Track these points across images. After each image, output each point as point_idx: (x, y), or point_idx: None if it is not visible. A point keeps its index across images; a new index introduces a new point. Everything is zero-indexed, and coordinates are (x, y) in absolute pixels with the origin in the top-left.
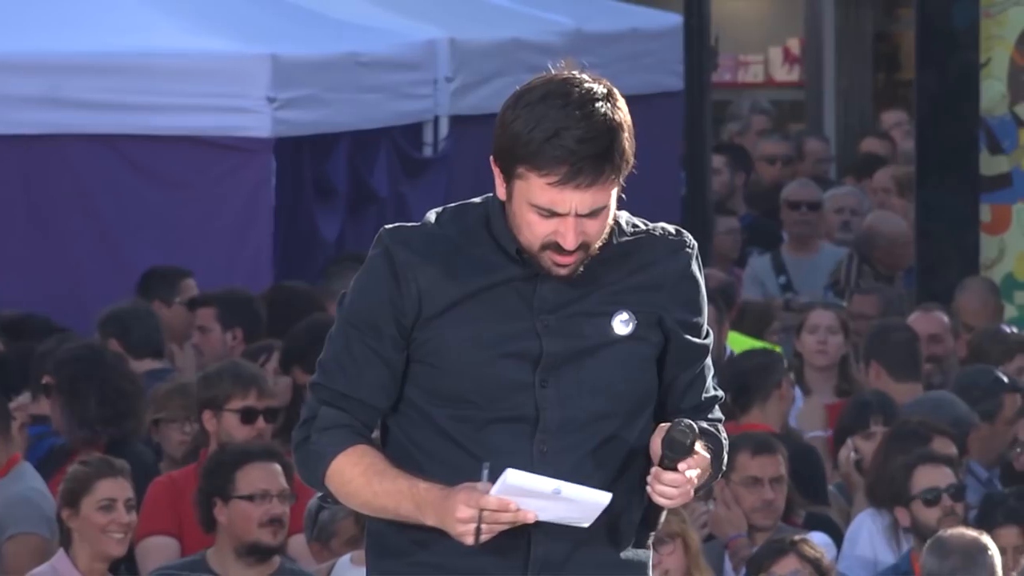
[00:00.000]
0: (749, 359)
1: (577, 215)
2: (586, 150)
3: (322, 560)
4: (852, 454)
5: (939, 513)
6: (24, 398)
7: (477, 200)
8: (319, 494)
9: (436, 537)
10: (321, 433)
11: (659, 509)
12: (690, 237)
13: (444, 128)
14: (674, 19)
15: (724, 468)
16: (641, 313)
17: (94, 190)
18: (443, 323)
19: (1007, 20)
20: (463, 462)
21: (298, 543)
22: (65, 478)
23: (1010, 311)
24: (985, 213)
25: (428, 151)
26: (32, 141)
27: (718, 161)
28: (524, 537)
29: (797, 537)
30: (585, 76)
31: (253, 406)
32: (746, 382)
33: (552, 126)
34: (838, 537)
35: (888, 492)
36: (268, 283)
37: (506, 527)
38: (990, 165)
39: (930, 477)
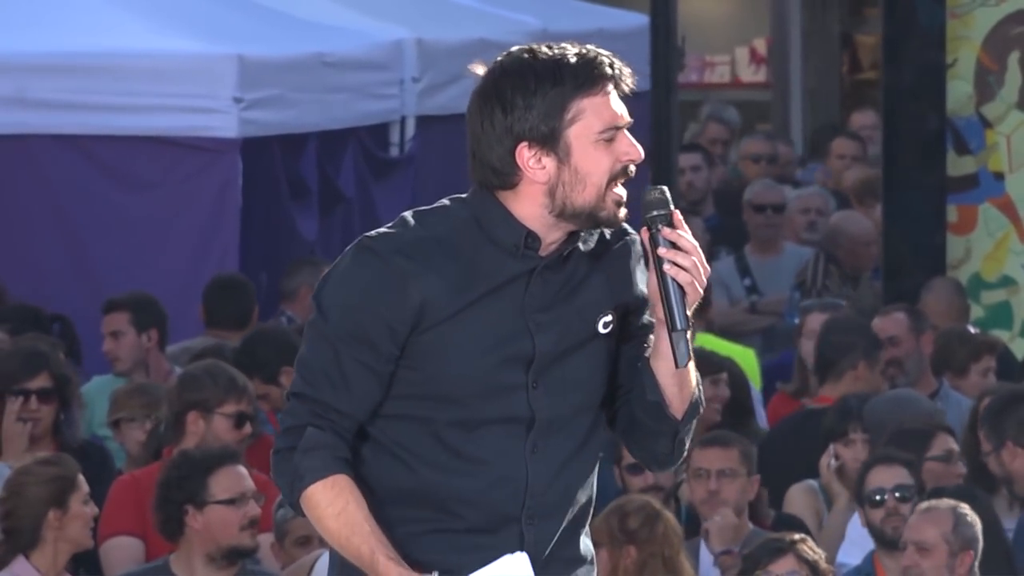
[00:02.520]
0: (836, 333)
1: (628, 129)
2: (612, 57)
3: (280, 559)
4: (832, 461)
5: (882, 514)
6: None
7: (448, 202)
8: None
9: (429, 537)
10: (304, 454)
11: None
12: (631, 229)
13: (411, 128)
14: (640, 19)
15: (699, 411)
16: (616, 309)
17: (60, 190)
18: (443, 329)
19: (973, 21)
20: (455, 465)
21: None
22: (44, 480)
23: (976, 311)
24: (952, 214)
25: (395, 151)
26: None
27: (694, 159)
28: (517, 536)
29: (797, 536)
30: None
31: (244, 411)
32: (827, 356)
33: (568, 51)
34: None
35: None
36: None
37: None
38: (957, 166)
39: (880, 477)
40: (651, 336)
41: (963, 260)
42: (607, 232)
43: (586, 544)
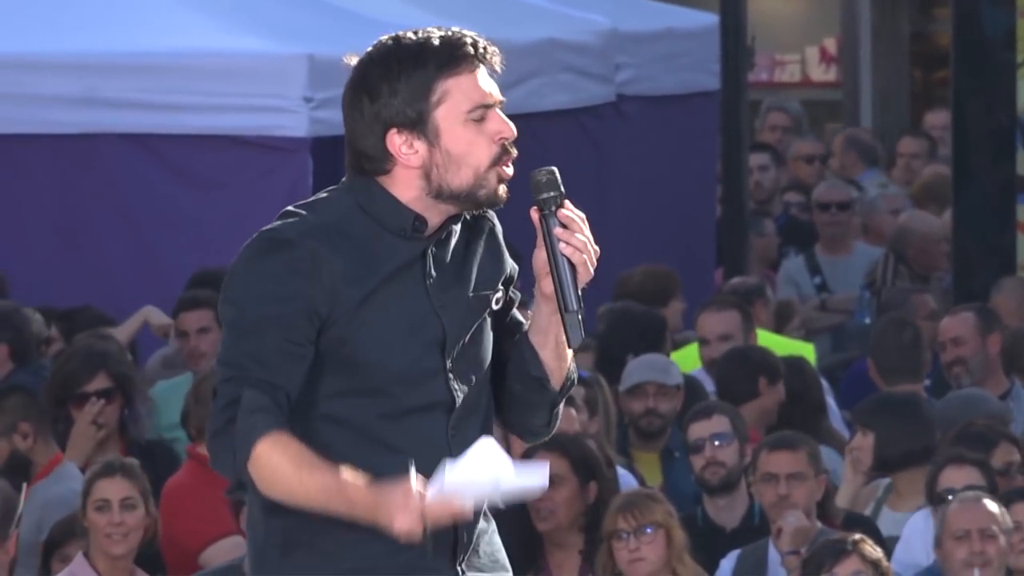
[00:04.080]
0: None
1: (499, 107)
2: (474, 35)
3: None
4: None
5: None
6: None
7: (326, 194)
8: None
9: (362, 532)
10: (248, 415)
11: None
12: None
13: None
14: (710, 19)
15: (573, 383)
16: (499, 287)
17: (129, 190)
18: (357, 318)
19: None
20: (383, 458)
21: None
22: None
23: None
24: (1022, 213)
25: None
26: (67, 141)
27: (761, 159)
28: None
29: (858, 536)
30: None
31: None
32: None
33: (432, 33)
34: (879, 538)
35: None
36: None
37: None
38: None
39: (951, 478)
40: (520, 310)
41: None
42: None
43: (491, 521)
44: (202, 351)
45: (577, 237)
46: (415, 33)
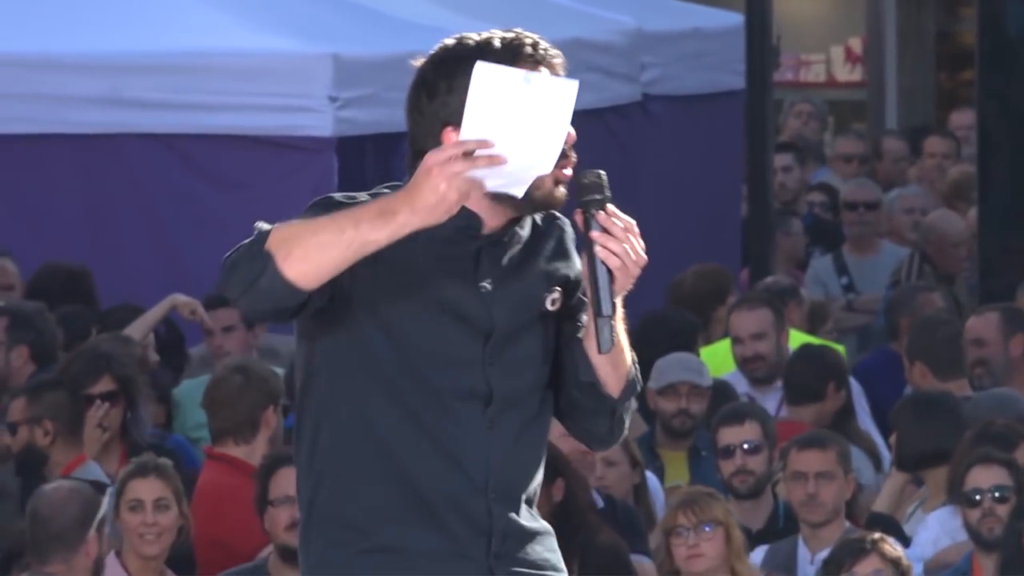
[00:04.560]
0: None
1: None
2: (538, 38)
3: None
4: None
5: (979, 514)
6: None
7: (383, 188)
8: None
9: (397, 511)
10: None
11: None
12: (559, 215)
13: None
14: (736, 18)
15: (636, 390)
16: (561, 289)
17: (154, 190)
18: (400, 304)
19: None
20: (423, 443)
21: None
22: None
23: None
24: None
25: None
26: (92, 141)
27: (785, 159)
28: (484, 511)
29: (877, 536)
30: None
31: None
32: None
33: (494, 35)
34: (901, 537)
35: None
36: None
37: (480, 168)
38: None
39: (978, 477)
40: (584, 316)
41: None
42: (537, 218)
43: (540, 519)
44: (227, 350)
45: (616, 242)
46: (478, 35)
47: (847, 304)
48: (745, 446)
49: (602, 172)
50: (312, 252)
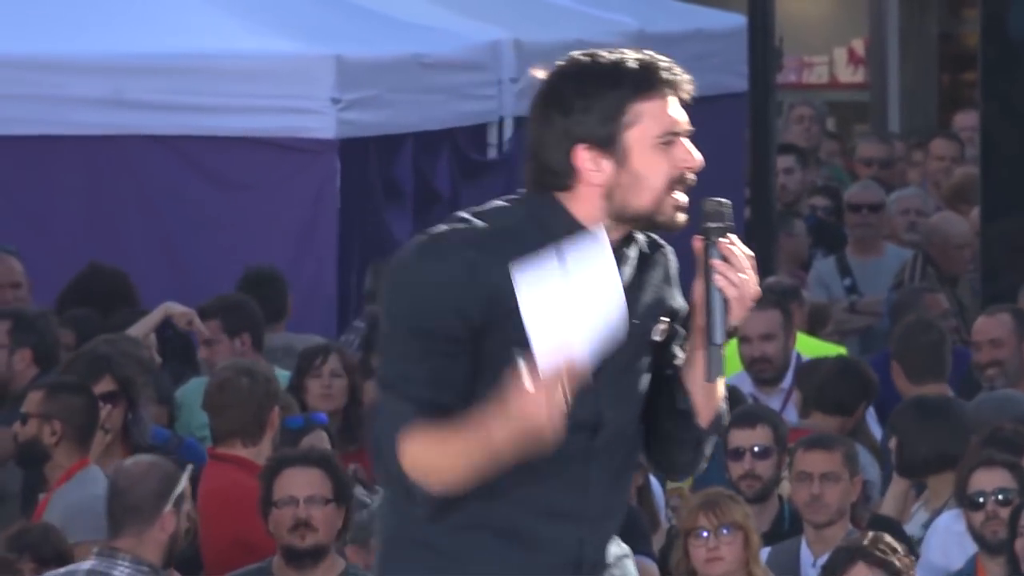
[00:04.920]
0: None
1: (686, 136)
2: (670, 61)
3: (363, 561)
4: None
5: (983, 517)
6: None
7: (502, 202)
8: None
9: (491, 540)
10: (400, 404)
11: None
12: (663, 242)
13: (509, 129)
14: (738, 20)
15: (723, 425)
16: (668, 320)
17: (157, 192)
18: (513, 329)
19: None
20: (520, 473)
21: None
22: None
23: None
24: None
25: (492, 152)
26: (95, 142)
27: (787, 161)
28: (576, 542)
29: (866, 542)
30: None
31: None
32: None
33: (627, 55)
34: (904, 540)
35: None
36: (333, 285)
37: (570, 386)
38: None
39: (982, 480)
40: (678, 345)
41: None
42: (642, 242)
43: (623, 543)
44: (214, 362)
45: (735, 272)
46: (610, 52)
47: (850, 306)
48: (756, 449)
49: (725, 200)
50: (449, 478)
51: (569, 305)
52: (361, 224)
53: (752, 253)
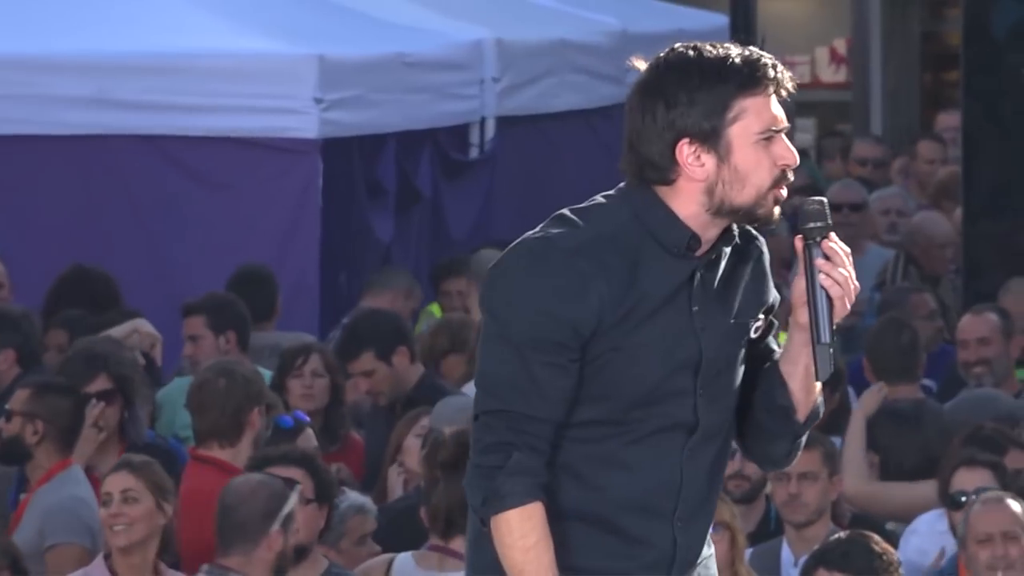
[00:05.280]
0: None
1: (785, 133)
2: (774, 60)
3: (341, 559)
4: None
5: (963, 516)
6: None
7: (603, 199)
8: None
9: (588, 535)
10: (509, 477)
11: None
12: (757, 234)
13: (491, 129)
14: (720, 20)
15: (819, 417)
16: (764, 316)
17: (140, 191)
18: (618, 336)
19: None
20: (614, 475)
21: None
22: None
23: None
24: None
25: (475, 152)
26: (79, 142)
27: None
28: (670, 539)
29: (829, 547)
30: None
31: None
32: None
33: (732, 50)
34: (885, 537)
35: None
36: (316, 284)
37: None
38: None
39: (963, 479)
40: (773, 337)
41: None
42: (737, 234)
43: (712, 543)
44: (197, 359)
45: (839, 271)
46: (714, 47)
47: None
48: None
49: (824, 199)
50: (505, 560)
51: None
52: (343, 224)
53: (849, 250)
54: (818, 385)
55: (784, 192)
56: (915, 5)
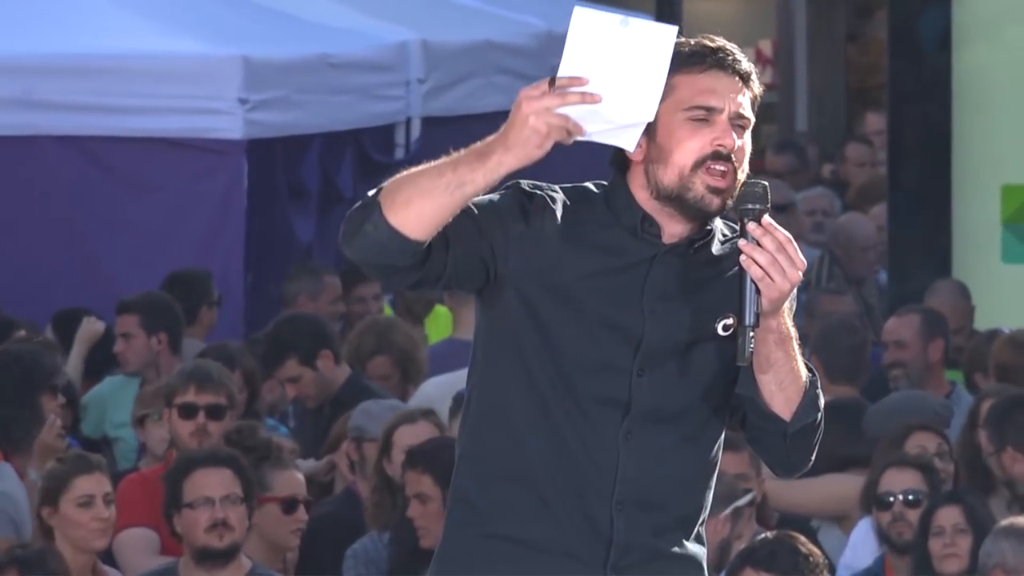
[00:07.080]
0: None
1: (729, 118)
2: (731, 47)
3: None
4: None
5: (889, 517)
6: None
7: (591, 184)
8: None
9: (520, 503)
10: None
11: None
12: None
13: (416, 129)
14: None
15: (815, 424)
16: (732, 316)
17: (66, 192)
18: (558, 296)
19: None
20: (549, 442)
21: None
22: (43, 476)
23: None
24: None
25: (400, 152)
26: (4, 143)
27: None
28: (607, 520)
29: (746, 550)
30: None
31: (192, 402)
32: None
33: (703, 41)
34: (812, 538)
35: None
36: (240, 285)
37: (573, 104)
38: None
39: (892, 481)
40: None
41: None
42: (721, 233)
43: (696, 546)
44: (127, 358)
45: (763, 254)
46: (695, 40)
47: None
48: None
49: (765, 183)
50: (415, 197)
51: (612, 60)
52: (267, 224)
53: (790, 236)
54: (803, 377)
55: (720, 180)
56: (841, 7)
